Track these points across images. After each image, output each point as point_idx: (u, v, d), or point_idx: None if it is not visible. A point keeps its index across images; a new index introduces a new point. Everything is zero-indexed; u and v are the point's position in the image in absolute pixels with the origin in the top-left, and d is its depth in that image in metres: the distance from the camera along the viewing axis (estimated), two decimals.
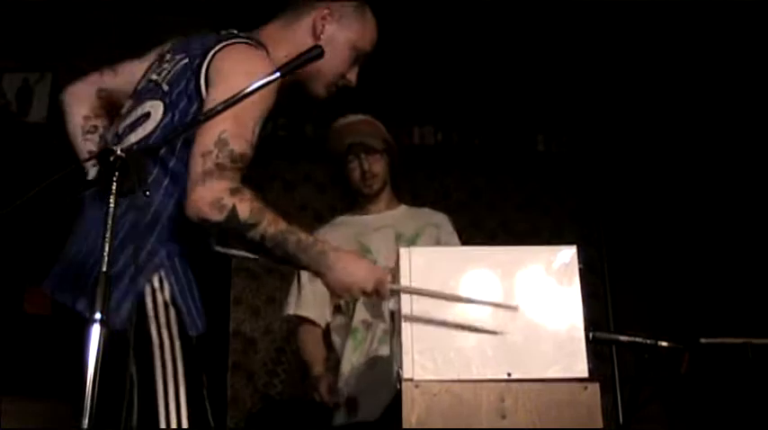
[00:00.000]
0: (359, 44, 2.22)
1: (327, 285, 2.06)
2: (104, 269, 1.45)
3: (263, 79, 1.76)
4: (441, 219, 3.32)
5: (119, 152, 1.54)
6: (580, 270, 2.06)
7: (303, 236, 1.97)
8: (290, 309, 3.25)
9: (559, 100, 5.23)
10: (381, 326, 3.04)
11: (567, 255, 2.07)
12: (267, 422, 4.34)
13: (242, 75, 1.88)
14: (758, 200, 4.83)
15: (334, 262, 2.01)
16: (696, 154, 5.09)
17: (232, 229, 1.84)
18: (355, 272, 2.04)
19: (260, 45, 2.10)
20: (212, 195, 1.79)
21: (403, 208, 3.35)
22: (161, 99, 2.03)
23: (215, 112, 1.72)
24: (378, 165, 3.22)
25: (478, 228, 5.21)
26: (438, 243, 3.19)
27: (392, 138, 3.30)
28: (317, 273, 2.03)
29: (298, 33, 2.18)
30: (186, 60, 2.05)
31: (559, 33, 4.76)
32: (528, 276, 2.05)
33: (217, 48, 2.01)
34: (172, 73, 2.07)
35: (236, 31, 2.13)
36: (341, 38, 2.15)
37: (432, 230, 3.24)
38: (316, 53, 1.84)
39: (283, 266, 2.22)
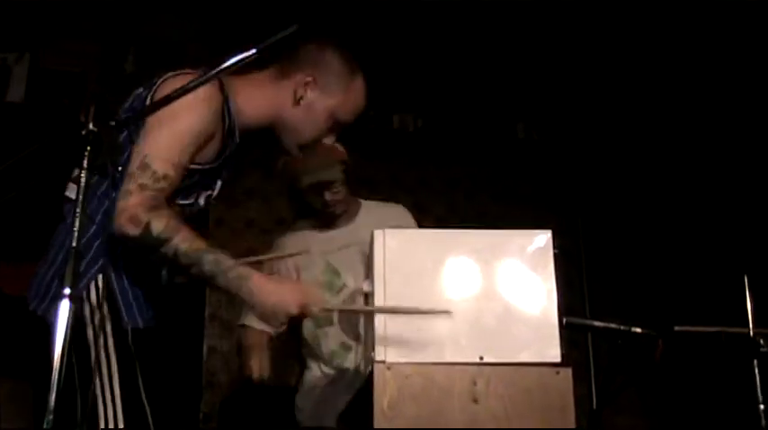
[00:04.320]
0: (338, 114, 2.21)
1: (252, 310, 2.06)
2: (74, 244, 1.44)
3: (196, 104, 1.94)
4: (399, 216, 3.24)
5: (91, 127, 1.52)
6: (555, 255, 2.07)
7: (223, 257, 1.97)
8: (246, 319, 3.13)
9: (540, 88, 5.23)
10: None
11: (542, 239, 2.08)
12: (242, 406, 4.33)
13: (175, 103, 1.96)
14: (733, 190, 4.86)
15: (256, 287, 1.99)
16: (674, 145, 5.11)
17: (147, 244, 1.90)
18: (279, 296, 2.01)
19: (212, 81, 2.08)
20: (130, 211, 1.89)
21: (362, 212, 3.22)
22: None
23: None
24: (339, 194, 3.08)
25: (456, 216, 5.21)
26: None
27: (345, 151, 3.11)
28: (236, 297, 2.02)
29: (279, 94, 2.17)
30: (140, 90, 2.11)
31: (541, 22, 4.75)
32: (503, 260, 2.05)
33: (163, 78, 2.07)
34: (129, 102, 2.14)
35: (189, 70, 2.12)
36: (320, 106, 2.15)
37: None
38: (290, 31, 1.83)
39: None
